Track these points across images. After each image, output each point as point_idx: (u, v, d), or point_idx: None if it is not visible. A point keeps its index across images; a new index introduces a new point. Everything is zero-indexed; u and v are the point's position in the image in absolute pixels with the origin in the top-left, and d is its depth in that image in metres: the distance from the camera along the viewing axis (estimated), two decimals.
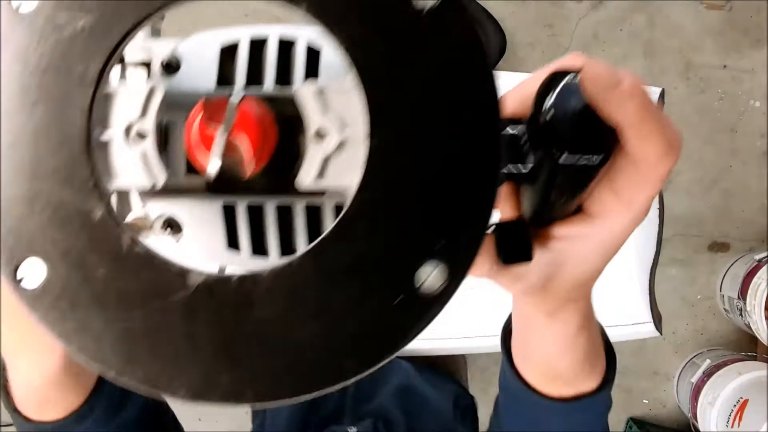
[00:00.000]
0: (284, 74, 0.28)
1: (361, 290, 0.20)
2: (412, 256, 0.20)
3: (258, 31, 0.27)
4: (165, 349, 0.20)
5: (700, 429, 1.43)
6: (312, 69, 0.28)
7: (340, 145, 0.23)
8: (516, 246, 0.28)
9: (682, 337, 1.62)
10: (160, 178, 0.25)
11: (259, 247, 0.30)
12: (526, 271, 0.31)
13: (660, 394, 1.63)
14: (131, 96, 0.24)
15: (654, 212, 0.98)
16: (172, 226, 0.30)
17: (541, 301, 0.34)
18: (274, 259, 0.30)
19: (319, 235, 0.24)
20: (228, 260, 0.30)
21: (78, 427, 0.42)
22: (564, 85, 0.25)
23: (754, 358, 1.50)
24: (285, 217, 0.30)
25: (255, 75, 0.27)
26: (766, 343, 1.41)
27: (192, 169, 0.29)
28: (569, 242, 0.29)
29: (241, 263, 0.30)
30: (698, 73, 1.61)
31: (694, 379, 1.48)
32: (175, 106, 0.26)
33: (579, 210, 0.29)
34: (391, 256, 0.20)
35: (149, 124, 0.24)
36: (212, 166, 0.23)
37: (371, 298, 0.20)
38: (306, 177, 0.24)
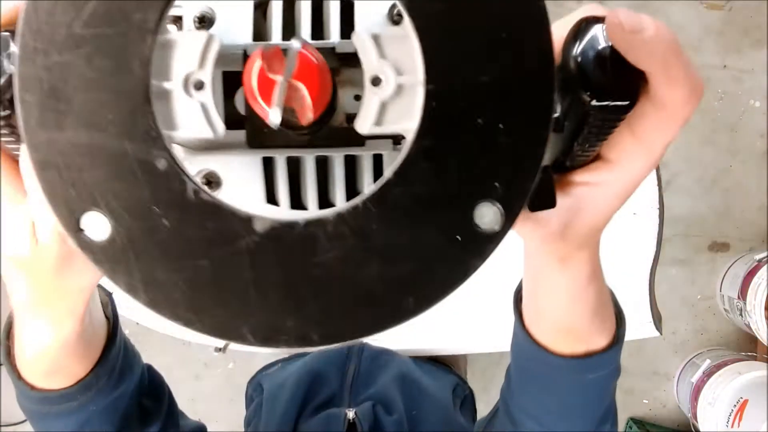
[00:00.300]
0: (319, 28, 0.27)
1: (422, 229, 0.21)
2: (470, 196, 0.21)
3: None
4: (232, 297, 0.20)
5: (700, 429, 1.43)
6: (347, 22, 0.27)
7: (397, 90, 0.23)
8: (541, 193, 0.28)
9: (682, 337, 1.62)
10: (220, 128, 0.24)
11: (297, 202, 0.30)
12: (548, 217, 0.32)
13: (660, 394, 1.63)
14: (188, 46, 0.23)
15: (654, 212, 0.98)
16: (211, 181, 0.30)
17: (557, 247, 0.35)
18: (313, 212, 0.31)
19: (356, 186, 0.23)
20: (266, 214, 0.31)
21: (82, 397, 0.43)
22: (591, 32, 0.25)
23: (754, 358, 1.51)
24: (323, 170, 0.30)
25: (290, 29, 0.27)
26: (766, 343, 1.41)
27: (231, 124, 0.29)
28: (589, 188, 0.30)
29: (279, 217, 0.30)
30: (698, 73, 1.61)
31: (694, 379, 1.48)
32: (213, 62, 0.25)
33: (597, 157, 0.30)
34: (450, 197, 0.21)
35: (207, 74, 0.24)
36: (274, 114, 0.23)
37: (431, 236, 0.21)
38: (364, 123, 0.24)
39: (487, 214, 0.21)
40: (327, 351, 0.83)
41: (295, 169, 0.30)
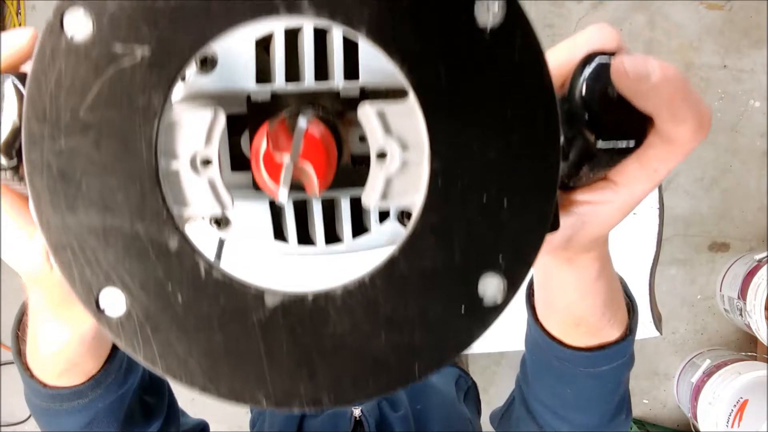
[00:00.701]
0: (323, 68, 0.27)
1: (428, 301, 0.21)
2: (474, 269, 0.22)
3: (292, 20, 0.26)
4: (246, 366, 0.21)
5: (700, 429, 1.43)
6: (350, 60, 0.27)
7: (403, 166, 0.24)
8: None
9: (682, 337, 1.62)
10: (228, 203, 0.25)
11: (305, 238, 0.31)
12: (551, 235, 0.33)
13: (660, 394, 1.63)
14: (194, 125, 0.24)
15: (654, 212, 0.98)
16: (220, 222, 0.31)
17: (561, 254, 0.35)
18: (320, 247, 0.31)
19: (362, 223, 0.24)
20: (275, 250, 0.31)
21: (92, 393, 0.43)
22: (598, 69, 0.25)
23: (754, 358, 1.51)
24: (329, 210, 0.30)
25: (293, 70, 0.27)
26: (766, 343, 1.41)
27: (238, 166, 0.30)
28: (591, 206, 0.31)
29: (288, 252, 0.30)
30: (698, 73, 1.61)
31: (694, 379, 1.48)
32: (216, 104, 0.26)
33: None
34: (455, 271, 0.22)
35: (214, 151, 0.24)
36: (282, 194, 0.24)
37: (437, 308, 0.21)
38: (370, 197, 0.24)
39: (491, 286, 0.22)
40: None
41: (302, 208, 0.31)
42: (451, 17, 0.21)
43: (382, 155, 0.24)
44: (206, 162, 0.24)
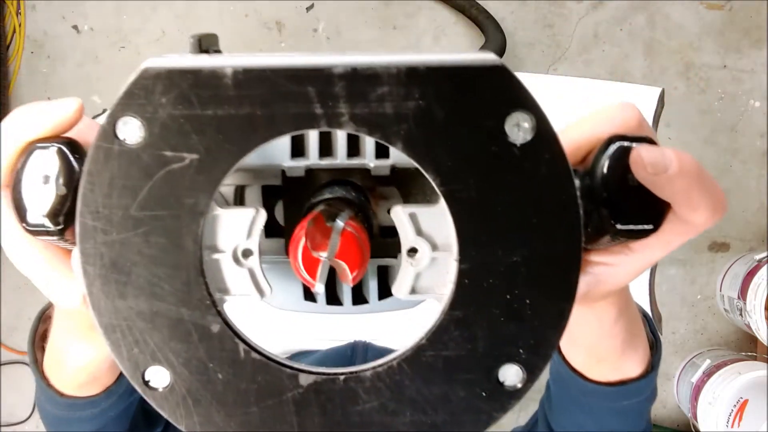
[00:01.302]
0: (355, 147, 0.29)
1: (450, 386, 0.23)
2: (495, 359, 0.23)
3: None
4: None
5: (700, 429, 1.43)
6: (381, 143, 0.30)
7: (431, 262, 0.26)
8: None
9: (682, 337, 1.62)
10: (267, 291, 0.26)
11: (333, 298, 0.34)
12: None
13: (660, 394, 1.63)
14: (236, 221, 0.26)
15: None
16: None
17: (577, 303, 0.36)
18: (347, 307, 0.33)
19: (387, 285, 0.26)
20: (305, 308, 0.34)
21: (105, 403, 0.44)
22: (618, 154, 0.27)
23: (754, 358, 1.50)
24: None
25: (326, 146, 0.29)
26: (766, 343, 1.41)
27: (271, 233, 0.32)
28: (606, 267, 0.32)
29: (317, 310, 0.33)
30: (698, 73, 1.61)
31: (694, 379, 1.48)
32: (252, 175, 0.29)
33: None
34: (477, 359, 0.23)
35: (255, 244, 0.26)
36: (319, 287, 0.26)
37: (459, 392, 0.23)
38: (400, 290, 0.26)
39: (510, 374, 0.23)
40: (332, 350, 0.83)
41: (332, 272, 0.33)
42: (483, 134, 0.22)
43: (412, 252, 0.26)
44: (247, 253, 0.26)
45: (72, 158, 0.26)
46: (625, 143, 0.27)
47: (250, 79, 0.22)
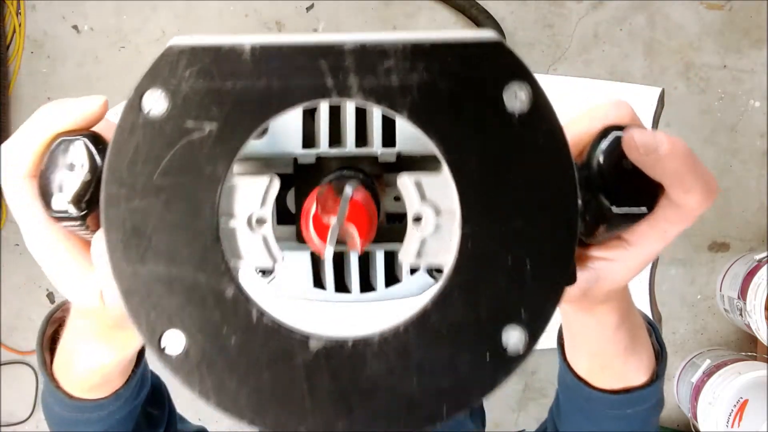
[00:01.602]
0: (363, 137, 0.31)
1: (456, 350, 0.24)
2: (499, 322, 0.24)
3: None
4: (290, 403, 0.24)
5: (700, 429, 1.43)
6: (388, 129, 0.31)
7: (436, 228, 0.27)
8: None
9: (682, 337, 1.62)
10: (279, 257, 0.28)
11: (341, 286, 0.35)
12: (569, 288, 0.35)
13: None
14: (251, 189, 0.27)
15: None
16: (264, 270, 0.34)
17: (579, 305, 0.38)
18: (355, 295, 0.34)
19: (394, 273, 0.28)
20: (314, 296, 0.35)
21: (112, 406, 0.45)
22: (614, 142, 0.28)
23: (754, 358, 1.51)
24: (365, 261, 0.34)
25: (336, 136, 0.30)
26: (766, 343, 1.41)
27: (283, 220, 0.34)
28: (605, 263, 0.33)
29: (325, 298, 0.34)
30: (698, 73, 1.61)
31: (694, 379, 1.48)
32: (266, 165, 0.30)
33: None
34: (481, 323, 0.24)
35: (268, 212, 0.27)
36: (328, 251, 0.27)
37: (464, 356, 0.24)
38: (406, 256, 0.27)
39: (513, 338, 0.24)
40: None
41: (340, 260, 0.34)
42: (483, 104, 0.24)
43: (417, 219, 0.27)
44: (261, 221, 0.27)
45: (95, 150, 0.28)
46: (619, 132, 0.28)
47: (267, 55, 0.23)
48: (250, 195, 0.27)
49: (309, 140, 0.31)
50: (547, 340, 0.86)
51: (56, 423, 0.47)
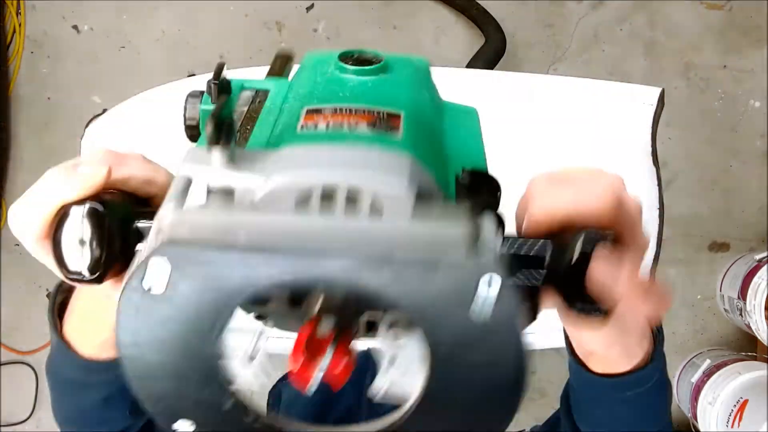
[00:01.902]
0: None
1: None
2: None
3: (329, 176, 0.28)
4: None
5: (700, 429, 1.43)
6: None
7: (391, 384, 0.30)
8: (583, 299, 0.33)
9: (682, 337, 1.62)
10: (274, 376, 0.29)
11: None
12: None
13: None
14: (246, 337, 0.30)
15: (654, 212, 0.98)
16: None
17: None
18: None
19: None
20: None
21: (119, 370, 0.46)
22: (585, 253, 0.30)
23: (754, 358, 1.51)
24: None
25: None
26: (766, 343, 1.41)
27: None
28: (576, 331, 0.39)
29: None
30: (698, 73, 1.61)
31: (694, 379, 1.48)
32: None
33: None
34: None
35: (261, 353, 0.30)
36: (308, 390, 0.30)
37: None
38: (377, 391, 0.31)
39: None
40: None
41: None
42: (451, 312, 0.25)
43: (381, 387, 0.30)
44: (253, 357, 0.30)
45: (97, 225, 0.30)
46: (589, 247, 0.30)
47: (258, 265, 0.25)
48: (245, 343, 0.30)
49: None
50: (546, 340, 0.87)
51: (62, 389, 0.48)
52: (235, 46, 1.59)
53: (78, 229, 0.30)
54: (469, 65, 1.47)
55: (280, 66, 0.47)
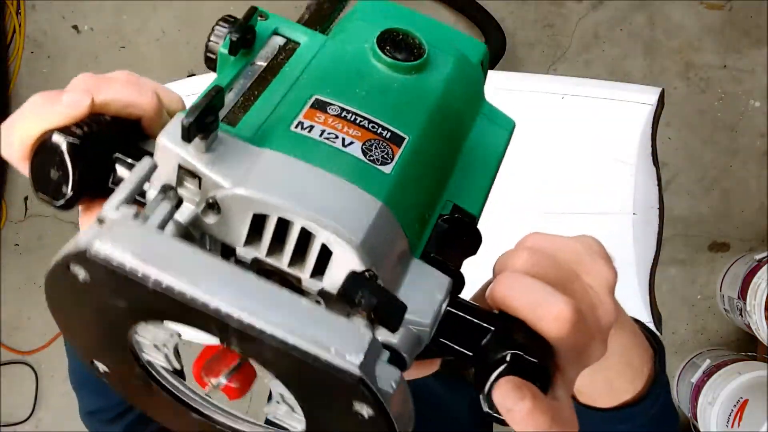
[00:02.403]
0: (299, 258, 0.30)
1: None
2: None
3: (289, 211, 0.28)
4: None
5: (700, 429, 1.43)
6: (321, 263, 0.30)
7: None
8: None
9: (682, 337, 1.62)
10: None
11: None
12: None
13: None
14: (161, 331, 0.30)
15: (654, 212, 0.98)
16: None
17: None
18: None
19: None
20: None
21: None
22: (503, 364, 0.29)
23: (754, 358, 1.51)
24: None
25: (274, 249, 0.30)
26: (766, 343, 1.41)
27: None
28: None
29: None
30: (698, 73, 1.61)
31: (694, 379, 1.48)
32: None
33: None
34: None
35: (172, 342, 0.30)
36: (209, 391, 0.31)
37: None
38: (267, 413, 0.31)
39: None
40: None
41: None
42: (330, 406, 0.26)
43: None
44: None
45: (73, 158, 0.30)
46: (508, 370, 0.28)
47: (166, 294, 0.25)
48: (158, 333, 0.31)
49: (250, 242, 0.30)
50: None
51: (85, 383, 0.51)
52: None
53: (53, 157, 0.30)
54: None
55: (328, 8, 0.45)
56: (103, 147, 0.32)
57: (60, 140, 0.30)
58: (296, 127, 0.30)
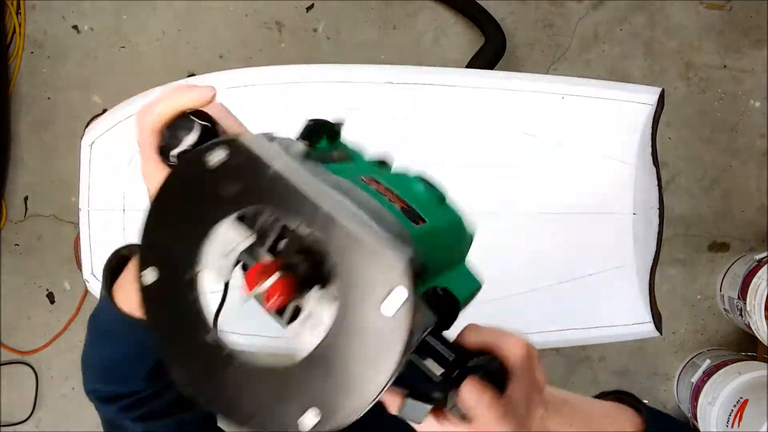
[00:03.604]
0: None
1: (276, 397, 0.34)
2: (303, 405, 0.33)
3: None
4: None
5: (700, 429, 1.43)
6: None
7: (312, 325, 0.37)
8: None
9: (682, 337, 1.62)
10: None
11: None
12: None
13: (660, 394, 1.63)
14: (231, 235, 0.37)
15: (654, 212, 0.98)
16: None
17: None
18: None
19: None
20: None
21: (143, 330, 0.50)
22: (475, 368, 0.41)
23: (754, 358, 1.51)
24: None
25: (274, 247, 0.38)
26: (766, 343, 1.41)
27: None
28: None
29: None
30: (698, 73, 1.61)
31: (694, 379, 1.48)
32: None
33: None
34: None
35: (233, 254, 0.37)
36: (255, 293, 0.36)
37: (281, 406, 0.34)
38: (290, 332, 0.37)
39: (308, 417, 0.32)
40: None
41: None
42: (367, 297, 0.32)
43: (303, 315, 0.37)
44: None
45: (203, 135, 0.41)
46: (476, 371, 0.40)
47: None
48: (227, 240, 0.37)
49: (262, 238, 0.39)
50: (539, 337, 0.86)
51: (98, 335, 0.56)
52: (235, 46, 1.59)
53: (186, 132, 0.40)
54: (469, 65, 1.47)
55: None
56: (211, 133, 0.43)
57: (201, 122, 0.41)
58: (361, 180, 0.41)
